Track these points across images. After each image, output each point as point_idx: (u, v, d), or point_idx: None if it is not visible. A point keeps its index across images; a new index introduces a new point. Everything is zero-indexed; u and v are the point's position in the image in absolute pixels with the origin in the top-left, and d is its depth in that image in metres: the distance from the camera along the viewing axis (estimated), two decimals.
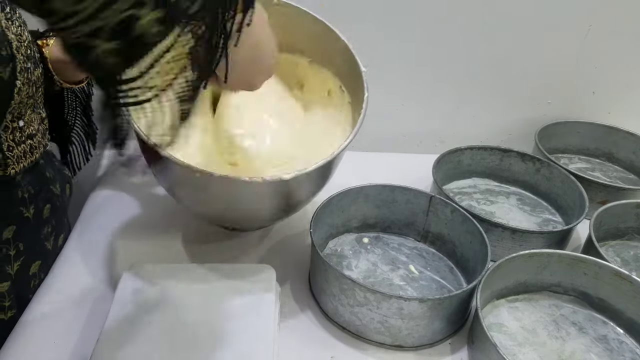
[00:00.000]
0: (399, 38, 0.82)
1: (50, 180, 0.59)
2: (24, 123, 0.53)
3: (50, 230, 0.60)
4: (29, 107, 0.54)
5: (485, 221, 0.65)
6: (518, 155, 0.81)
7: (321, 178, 0.58)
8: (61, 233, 0.63)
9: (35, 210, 0.56)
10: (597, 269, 0.59)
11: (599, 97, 0.91)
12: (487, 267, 0.56)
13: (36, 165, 0.56)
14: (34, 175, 0.56)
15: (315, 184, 0.58)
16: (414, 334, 0.53)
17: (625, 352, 0.56)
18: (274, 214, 0.62)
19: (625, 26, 0.84)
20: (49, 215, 0.58)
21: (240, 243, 0.67)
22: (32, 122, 0.55)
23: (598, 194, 0.76)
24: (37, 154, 0.56)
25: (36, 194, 0.56)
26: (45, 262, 0.59)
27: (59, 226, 0.62)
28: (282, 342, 0.53)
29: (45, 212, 0.58)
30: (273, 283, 0.54)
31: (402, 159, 0.89)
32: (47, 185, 0.58)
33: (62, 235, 0.63)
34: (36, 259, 0.57)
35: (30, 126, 0.54)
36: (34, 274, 0.57)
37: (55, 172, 0.61)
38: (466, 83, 0.88)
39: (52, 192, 0.59)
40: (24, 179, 0.54)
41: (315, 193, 0.60)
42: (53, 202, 0.59)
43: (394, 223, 0.69)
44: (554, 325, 0.59)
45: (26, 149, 0.53)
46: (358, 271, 0.63)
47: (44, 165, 0.59)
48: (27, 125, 0.54)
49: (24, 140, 0.53)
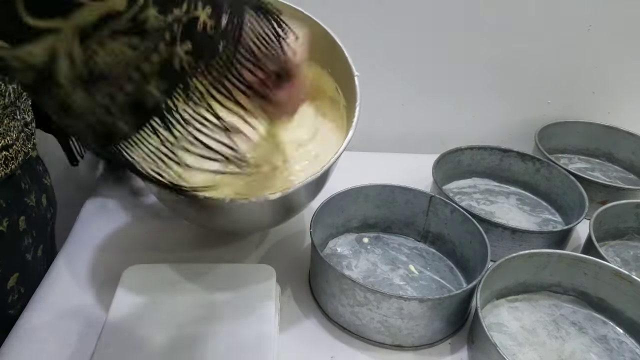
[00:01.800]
0: (399, 38, 0.82)
1: (24, 192, 0.56)
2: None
3: (31, 241, 0.57)
4: (5, 116, 0.51)
5: (485, 221, 0.65)
6: (518, 155, 0.81)
7: (313, 190, 0.58)
8: (41, 244, 0.60)
9: (10, 222, 0.53)
10: (597, 269, 0.59)
11: (599, 97, 0.91)
12: (487, 267, 0.56)
13: (11, 177, 0.53)
14: (7, 188, 0.52)
15: (307, 195, 0.58)
16: (413, 333, 0.53)
17: (625, 352, 0.56)
18: (269, 225, 0.63)
19: (625, 26, 0.84)
20: (25, 227, 0.55)
21: (240, 243, 0.67)
22: (10, 131, 0.52)
23: (598, 194, 0.76)
24: (13, 165, 0.52)
25: (9, 208, 0.52)
26: (24, 274, 0.56)
27: (39, 237, 0.59)
28: (282, 342, 0.53)
29: (20, 225, 0.55)
30: (273, 283, 0.54)
31: (402, 159, 0.89)
32: (20, 197, 0.55)
33: (42, 246, 0.60)
34: (13, 272, 0.54)
35: (7, 136, 0.51)
36: (12, 288, 0.54)
37: (32, 182, 0.58)
38: (466, 83, 0.88)
39: (25, 204, 0.56)
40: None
41: (310, 200, 0.60)
42: (28, 213, 0.56)
43: (394, 223, 0.69)
44: (554, 325, 0.59)
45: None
46: (358, 271, 0.63)
47: (20, 175, 0.55)
48: (2, 135, 0.50)
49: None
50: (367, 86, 0.57)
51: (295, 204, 0.58)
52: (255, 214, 0.55)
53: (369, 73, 0.58)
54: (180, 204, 0.56)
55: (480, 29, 0.82)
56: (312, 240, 0.57)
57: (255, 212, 0.54)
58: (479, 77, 0.87)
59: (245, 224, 0.60)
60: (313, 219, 0.59)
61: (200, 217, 0.58)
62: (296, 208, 0.59)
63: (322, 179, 0.55)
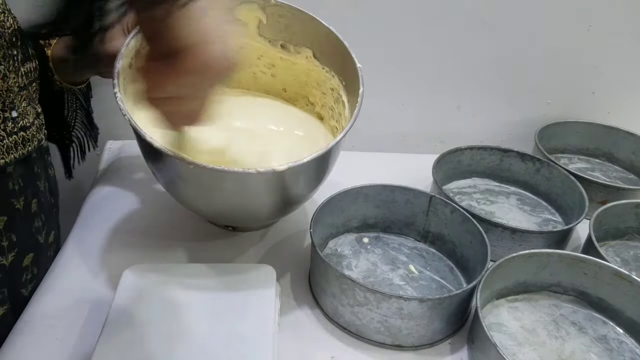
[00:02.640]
0: (399, 38, 0.82)
1: (37, 176, 0.59)
2: (17, 114, 0.52)
3: (41, 225, 0.59)
4: (23, 99, 0.53)
5: (485, 221, 0.65)
6: (518, 155, 0.81)
7: (317, 172, 0.58)
8: (52, 230, 0.63)
9: (25, 202, 0.55)
10: (597, 269, 0.59)
11: (599, 97, 0.91)
12: (487, 267, 0.56)
13: (27, 158, 0.56)
14: (23, 168, 0.55)
15: (311, 177, 0.58)
16: (413, 333, 0.53)
17: (625, 352, 0.56)
18: (271, 211, 0.61)
19: (625, 26, 0.84)
20: (36, 209, 0.58)
21: (240, 243, 0.67)
22: (27, 114, 0.54)
23: (598, 194, 0.76)
24: (30, 147, 0.55)
25: (25, 187, 0.55)
26: (38, 255, 0.58)
27: (48, 223, 0.61)
28: (282, 342, 0.53)
29: (33, 206, 0.57)
30: (273, 283, 0.54)
31: (402, 159, 0.89)
32: (34, 180, 0.58)
33: (53, 232, 0.63)
34: (29, 251, 0.57)
35: (25, 118, 0.54)
36: (27, 267, 0.57)
37: (42, 169, 0.61)
38: (466, 83, 0.88)
39: (37, 187, 0.59)
40: (15, 170, 0.53)
41: (312, 188, 0.60)
42: (39, 197, 0.59)
43: (394, 223, 0.69)
44: (554, 325, 0.59)
45: (17, 141, 0.53)
46: (358, 271, 0.63)
47: (34, 159, 0.58)
48: (22, 117, 0.53)
49: (16, 132, 0.53)
50: (367, 86, 0.57)
51: (296, 187, 0.57)
52: (255, 188, 0.54)
53: (369, 73, 0.58)
54: (181, 180, 0.56)
55: (480, 28, 0.82)
56: (312, 240, 0.57)
57: (255, 187, 0.54)
58: (479, 77, 0.87)
59: (243, 206, 0.58)
60: (313, 219, 0.59)
61: (200, 191, 0.57)
62: (295, 196, 0.59)
63: (323, 162, 0.55)
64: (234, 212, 0.61)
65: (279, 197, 0.57)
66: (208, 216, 0.67)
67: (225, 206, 0.59)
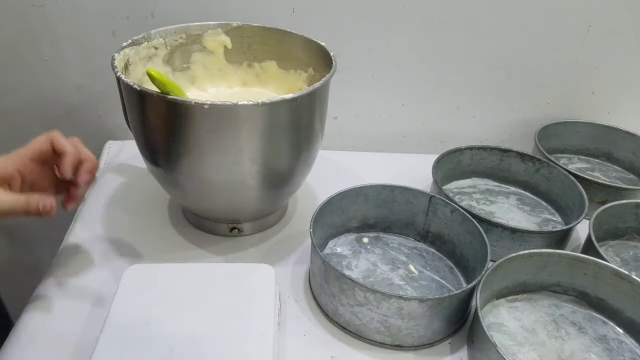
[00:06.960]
0: (398, 38, 0.82)
1: None
2: None
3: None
4: None
5: (484, 221, 0.65)
6: (518, 155, 0.81)
7: (312, 108, 0.58)
8: None
9: None
10: (596, 269, 0.59)
11: (599, 97, 0.91)
12: (487, 267, 0.56)
13: None
14: None
15: (294, 127, 0.57)
16: (413, 333, 0.53)
17: (625, 352, 0.56)
18: (254, 187, 0.59)
19: (625, 26, 0.84)
20: None
21: (240, 243, 0.67)
22: None
23: (597, 194, 0.76)
24: None
25: None
26: None
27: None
28: (282, 342, 0.53)
29: None
30: (273, 283, 0.54)
31: (402, 159, 0.89)
32: None
33: None
34: None
35: None
36: None
37: None
38: (466, 83, 0.88)
39: None
40: None
41: (299, 155, 0.59)
42: None
43: (394, 223, 0.69)
44: (554, 325, 0.59)
45: None
46: (358, 271, 0.63)
47: None
48: None
49: None
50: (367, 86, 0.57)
51: (277, 130, 0.56)
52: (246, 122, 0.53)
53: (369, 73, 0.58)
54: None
55: (480, 29, 0.82)
56: (312, 240, 0.57)
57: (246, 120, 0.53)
58: (479, 77, 0.87)
59: (239, 161, 0.56)
60: (313, 219, 0.59)
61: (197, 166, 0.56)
62: (283, 170, 0.59)
63: (307, 104, 0.56)
64: (219, 177, 0.57)
65: (265, 166, 0.57)
66: (208, 210, 0.66)
67: (221, 186, 0.58)
